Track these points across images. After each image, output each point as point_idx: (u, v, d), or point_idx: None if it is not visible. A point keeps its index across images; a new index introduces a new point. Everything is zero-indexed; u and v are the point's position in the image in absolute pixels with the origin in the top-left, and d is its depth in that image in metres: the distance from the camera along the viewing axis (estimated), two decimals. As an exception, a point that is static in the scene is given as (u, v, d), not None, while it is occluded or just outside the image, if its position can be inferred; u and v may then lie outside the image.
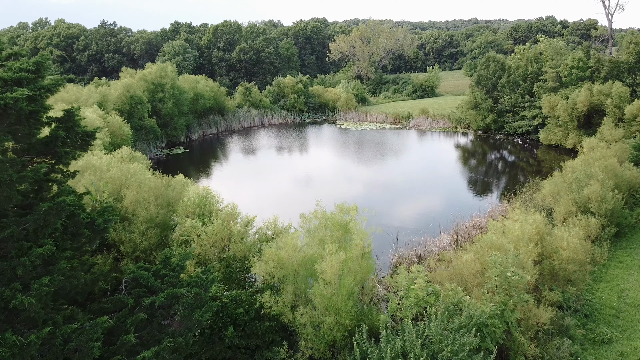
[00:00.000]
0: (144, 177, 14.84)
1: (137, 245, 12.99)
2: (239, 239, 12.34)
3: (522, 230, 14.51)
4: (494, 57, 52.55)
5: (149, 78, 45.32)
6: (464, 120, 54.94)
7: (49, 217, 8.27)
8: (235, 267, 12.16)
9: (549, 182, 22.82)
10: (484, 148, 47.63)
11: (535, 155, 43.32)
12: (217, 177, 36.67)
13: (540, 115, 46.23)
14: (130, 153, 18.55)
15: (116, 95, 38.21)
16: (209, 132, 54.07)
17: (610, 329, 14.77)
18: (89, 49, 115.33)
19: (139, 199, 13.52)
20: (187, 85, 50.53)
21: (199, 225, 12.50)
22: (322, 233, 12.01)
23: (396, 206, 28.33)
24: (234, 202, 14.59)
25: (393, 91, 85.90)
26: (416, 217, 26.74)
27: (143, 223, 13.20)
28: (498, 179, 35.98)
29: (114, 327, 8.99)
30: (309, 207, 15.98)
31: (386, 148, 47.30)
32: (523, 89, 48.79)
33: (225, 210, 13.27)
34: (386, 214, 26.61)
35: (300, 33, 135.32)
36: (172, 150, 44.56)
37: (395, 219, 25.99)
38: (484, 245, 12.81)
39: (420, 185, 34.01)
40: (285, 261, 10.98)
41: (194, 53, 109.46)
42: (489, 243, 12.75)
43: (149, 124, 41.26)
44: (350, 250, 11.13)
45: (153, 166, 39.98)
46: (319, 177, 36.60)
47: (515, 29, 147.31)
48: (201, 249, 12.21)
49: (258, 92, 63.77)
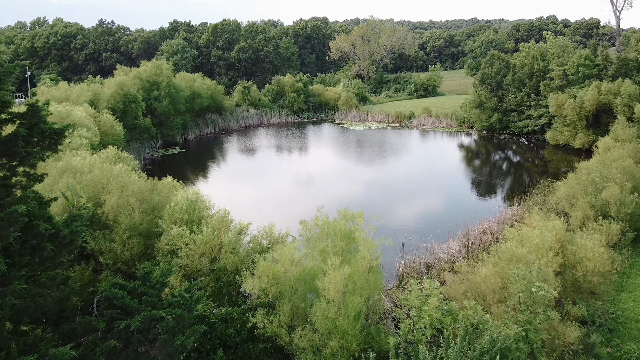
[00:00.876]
0: (129, 179, 13.54)
1: (118, 255, 11.70)
2: (231, 249, 11.05)
3: (541, 238, 13.23)
4: (498, 55, 51.26)
5: (144, 76, 44.00)
6: (467, 120, 53.63)
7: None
8: (226, 281, 10.87)
9: (563, 185, 21.51)
10: (488, 148, 46.35)
11: (542, 156, 42.04)
12: (213, 178, 35.37)
13: (547, 115, 44.95)
14: (116, 153, 17.23)
15: (109, 93, 36.87)
16: (206, 131, 52.72)
17: (637, 346, 13.49)
18: (86, 48, 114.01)
19: (121, 204, 12.24)
20: (184, 83, 49.19)
21: (187, 234, 11.22)
22: (323, 243, 10.71)
23: (399, 208, 27.05)
24: (227, 207, 13.28)
25: (394, 90, 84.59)
26: (421, 220, 25.45)
27: (125, 231, 11.92)
28: (504, 180, 34.70)
29: (82, 356, 7.72)
30: (309, 210, 14.72)
31: (388, 148, 46.02)
32: (529, 88, 47.50)
33: (216, 216, 11.93)
34: (390, 217, 25.33)
35: (300, 32, 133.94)
36: (167, 150, 43.23)
37: (398, 222, 24.70)
38: (503, 257, 11.51)
39: (424, 186, 32.72)
40: (281, 276, 9.70)
41: (192, 52, 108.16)
42: (508, 254, 11.46)
43: (144, 123, 39.94)
44: (355, 263, 9.84)
45: (147, 167, 39.11)
46: (319, 178, 35.33)
47: (516, 28, 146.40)
48: (189, 260, 10.93)
49: (257, 90, 62.46)
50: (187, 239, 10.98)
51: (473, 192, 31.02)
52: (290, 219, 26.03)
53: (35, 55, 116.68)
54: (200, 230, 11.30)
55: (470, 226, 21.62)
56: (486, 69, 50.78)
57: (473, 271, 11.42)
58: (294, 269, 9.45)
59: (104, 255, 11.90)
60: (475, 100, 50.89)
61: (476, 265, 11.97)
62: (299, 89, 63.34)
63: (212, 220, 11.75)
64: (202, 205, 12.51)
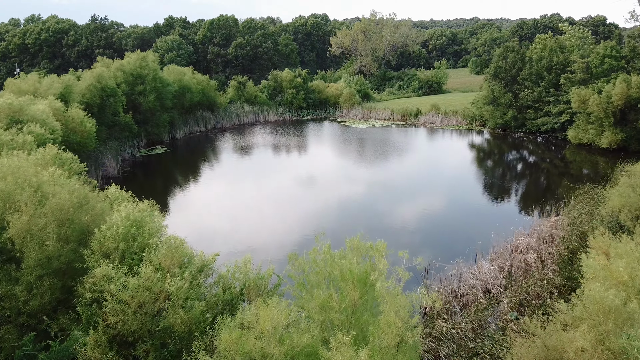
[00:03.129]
0: (59, 190, 9.67)
1: (21, 305, 7.87)
2: (182, 299, 7.20)
3: (630, 273, 9.34)
4: (512, 47, 47.36)
5: (127, 68, 40.10)
6: (478, 117, 49.76)
7: None
8: (175, 350, 7.03)
9: (617, 193, 17.57)
10: (503, 148, 42.44)
11: (563, 156, 38.16)
12: (195, 183, 31.45)
13: (568, 111, 41.06)
14: (56, 153, 13.38)
15: (84, 86, 32.94)
16: (197, 129, 48.74)
17: None
18: (78, 45, 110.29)
19: (31, 228, 8.41)
20: (172, 77, 45.22)
21: (117, 274, 7.41)
22: (324, 292, 6.86)
23: (413, 219, 23.18)
24: (207, 218, 9.40)
25: (397, 87, 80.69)
26: (440, 234, 21.59)
27: (34, 268, 8.10)
28: (528, 185, 30.83)
29: None
30: (306, 225, 10.97)
31: (394, 148, 42.11)
32: (547, 82, 43.59)
33: (165, 248, 8.00)
34: (402, 230, 21.47)
35: (299, 29, 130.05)
36: (151, 150, 39.29)
37: (414, 237, 20.84)
38: (594, 309, 7.67)
39: (439, 192, 28.83)
40: (256, 357, 5.85)
41: (188, 49, 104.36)
42: (602, 305, 7.60)
43: (124, 119, 36.04)
44: (376, 332, 6.00)
45: (124, 169, 35.08)
46: (320, 180, 31.43)
47: (520, 25, 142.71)
48: (117, 318, 7.11)
49: (253, 86, 58.54)
50: (115, 285, 7.14)
51: (495, 198, 27.17)
52: (283, 235, 22.15)
53: (26, 52, 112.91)
54: (137, 271, 7.47)
55: (502, 241, 17.79)
56: (500, 62, 46.87)
57: (552, 336, 7.55)
58: (276, 351, 5.61)
59: (4, 302, 8.03)
60: (488, 96, 46.96)
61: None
62: (298, 84, 59.43)
63: (158, 253, 7.87)
64: (151, 229, 8.62)
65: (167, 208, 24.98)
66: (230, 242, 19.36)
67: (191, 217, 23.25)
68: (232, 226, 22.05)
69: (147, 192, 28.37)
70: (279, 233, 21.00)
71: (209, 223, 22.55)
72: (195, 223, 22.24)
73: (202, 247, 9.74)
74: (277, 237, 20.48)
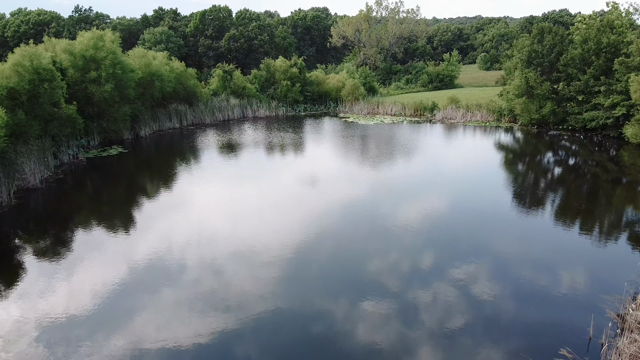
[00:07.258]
0: None
1: None
2: None
3: None
4: (550, 28, 39.37)
5: (77, 50, 32.16)
6: (508, 113, 41.80)
7: None
8: None
9: None
10: (542, 149, 34.36)
11: (621, 160, 30.23)
12: (145, 199, 23.50)
13: (625, 103, 33.15)
14: None
15: (7, 67, 25.11)
16: (168, 125, 40.63)
17: None
18: (60, 37, 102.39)
19: None
20: (137, 62, 37.23)
21: None
22: None
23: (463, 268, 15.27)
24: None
25: (405, 81, 72.75)
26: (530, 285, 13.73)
27: None
28: (595, 202, 22.93)
29: None
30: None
31: (414, 149, 34.10)
32: (595, 68, 35.64)
33: None
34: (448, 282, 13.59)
35: (299, 23, 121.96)
36: (103, 151, 31.30)
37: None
38: None
39: (489, 216, 20.85)
40: None
41: (178, 42, 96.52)
42: None
43: (66, 112, 28.08)
44: None
45: (57, 177, 26.59)
46: (319, 186, 23.48)
47: (529, 20, 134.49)
48: None
49: (241, 76, 50.56)
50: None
51: (560, 223, 19.25)
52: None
53: (5, 46, 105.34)
54: None
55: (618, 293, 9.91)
56: (535, 45, 38.88)
57: None
58: None
59: None
60: (521, 86, 38.88)
61: None
62: (294, 75, 51.42)
63: None
64: None
65: (89, 240, 17.10)
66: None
67: (120, 264, 15.36)
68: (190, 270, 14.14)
69: (67, 214, 20.21)
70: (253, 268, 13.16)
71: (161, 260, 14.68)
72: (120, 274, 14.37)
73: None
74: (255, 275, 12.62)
